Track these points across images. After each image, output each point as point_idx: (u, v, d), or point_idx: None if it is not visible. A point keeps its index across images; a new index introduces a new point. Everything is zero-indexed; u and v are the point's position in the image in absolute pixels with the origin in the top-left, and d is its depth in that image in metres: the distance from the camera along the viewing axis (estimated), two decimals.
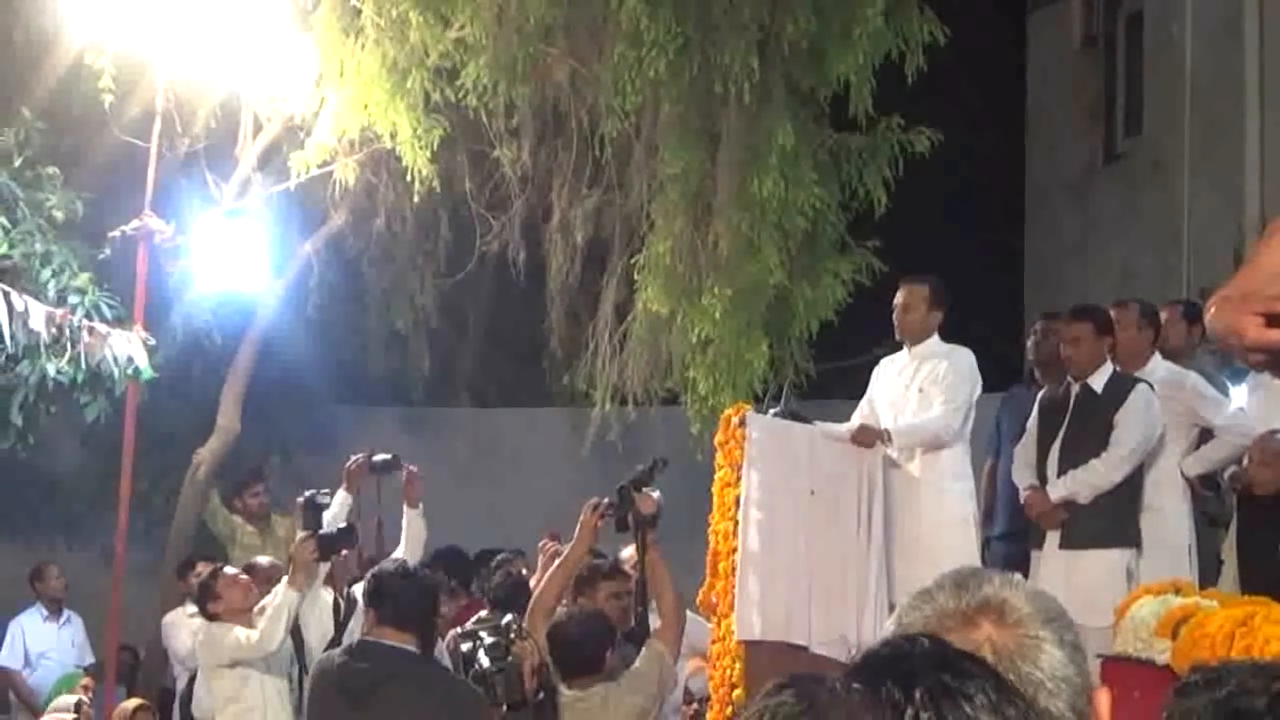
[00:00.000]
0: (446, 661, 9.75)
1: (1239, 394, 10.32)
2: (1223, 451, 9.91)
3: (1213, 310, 3.56)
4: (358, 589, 9.84)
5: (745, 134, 12.89)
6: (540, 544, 10.48)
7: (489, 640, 7.77)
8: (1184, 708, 2.24)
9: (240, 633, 9.07)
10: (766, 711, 1.68)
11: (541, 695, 7.68)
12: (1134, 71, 18.30)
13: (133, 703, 10.80)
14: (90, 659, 13.39)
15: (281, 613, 8.83)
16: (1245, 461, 9.49)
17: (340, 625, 9.66)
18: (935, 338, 10.11)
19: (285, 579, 9.03)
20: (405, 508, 10.37)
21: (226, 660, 9.08)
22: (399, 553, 10.28)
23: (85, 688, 11.73)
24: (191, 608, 11.85)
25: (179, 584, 12.77)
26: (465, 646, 7.99)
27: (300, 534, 9.22)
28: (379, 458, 10.47)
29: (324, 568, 9.43)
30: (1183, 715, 2.31)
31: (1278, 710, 1.91)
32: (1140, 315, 10.21)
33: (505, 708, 7.61)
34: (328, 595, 9.68)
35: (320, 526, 9.22)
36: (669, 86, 12.86)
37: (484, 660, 7.69)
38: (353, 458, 10.34)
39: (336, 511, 10.28)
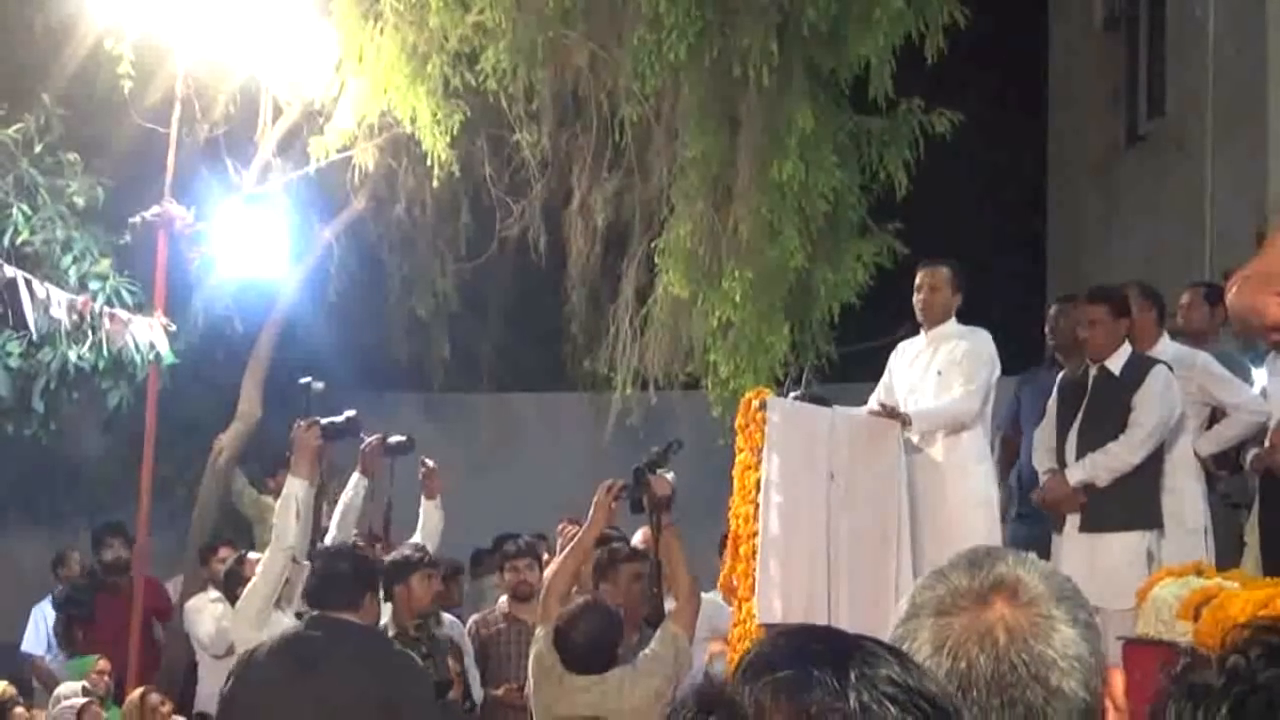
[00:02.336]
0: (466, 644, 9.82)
1: (1260, 376, 10.29)
2: (1235, 430, 9.88)
3: (1233, 290, 3.56)
4: None
5: (765, 117, 12.86)
6: (559, 528, 10.51)
7: None
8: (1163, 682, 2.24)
9: (259, 566, 8.99)
10: None
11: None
12: (1156, 52, 18.23)
13: (139, 690, 10.79)
14: None
15: (289, 504, 8.69)
16: (1266, 443, 9.46)
17: None
18: (953, 320, 10.11)
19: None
20: (423, 499, 10.38)
21: (260, 604, 8.90)
22: (415, 539, 10.33)
23: (100, 672, 11.74)
24: (214, 593, 11.90)
25: (201, 569, 12.80)
26: None
27: (299, 421, 9.15)
28: (393, 439, 10.47)
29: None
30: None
31: (1230, 686, 1.90)
32: (1141, 296, 10.18)
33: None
34: None
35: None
36: (689, 70, 12.84)
37: None
38: (366, 440, 10.34)
39: (352, 495, 10.29)
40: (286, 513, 8.74)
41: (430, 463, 10.38)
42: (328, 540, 9.94)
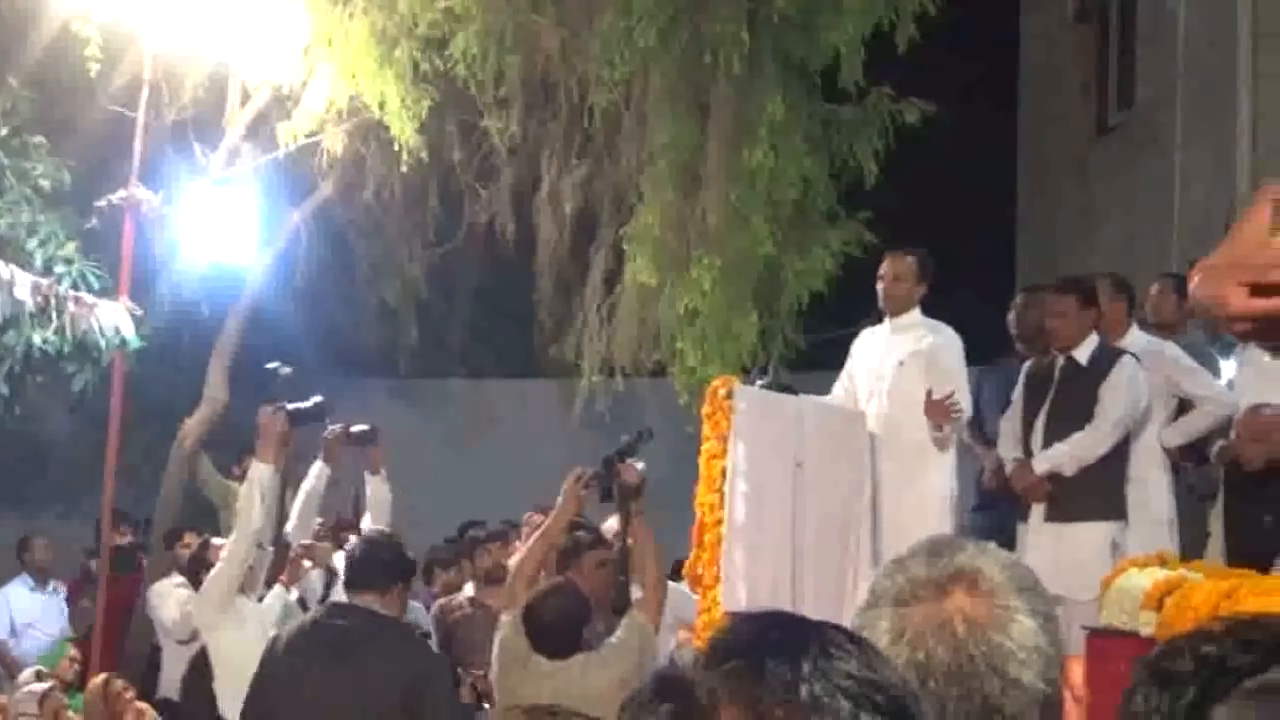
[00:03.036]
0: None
1: (1229, 367, 10.31)
2: (1202, 422, 9.90)
3: (1196, 280, 3.54)
4: (338, 559, 9.90)
5: (735, 105, 12.86)
6: (526, 517, 10.51)
7: None
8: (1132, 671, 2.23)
9: (224, 550, 9.01)
10: None
11: None
12: (1127, 44, 18.26)
13: (101, 677, 10.75)
14: (71, 631, 13.38)
15: (254, 488, 8.71)
16: (1232, 435, 9.47)
17: (324, 596, 9.70)
18: (917, 310, 10.08)
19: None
20: (367, 475, 10.35)
21: (224, 589, 8.92)
22: (365, 520, 10.30)
23: (73, 659, 11.71)
24: (178, 578, 11.87)
25: (165, 555, 12.77)
26: None
27: (266, 407, 9.13)
28: (356, 428, 10.44)
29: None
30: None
31: (1201, 672, 1.89)
32: (1112, 287, 10.19)
33: None
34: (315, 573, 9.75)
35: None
36: (659, 57, 12.82)
37: None
38: (329, 428, 10.31)
39: (314, 484, 10.28)
40: (251, 498, 8.73)
41: (335, 427, 10.28)
42: (287, 529, 9.96)
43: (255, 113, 13.69)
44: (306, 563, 9.83)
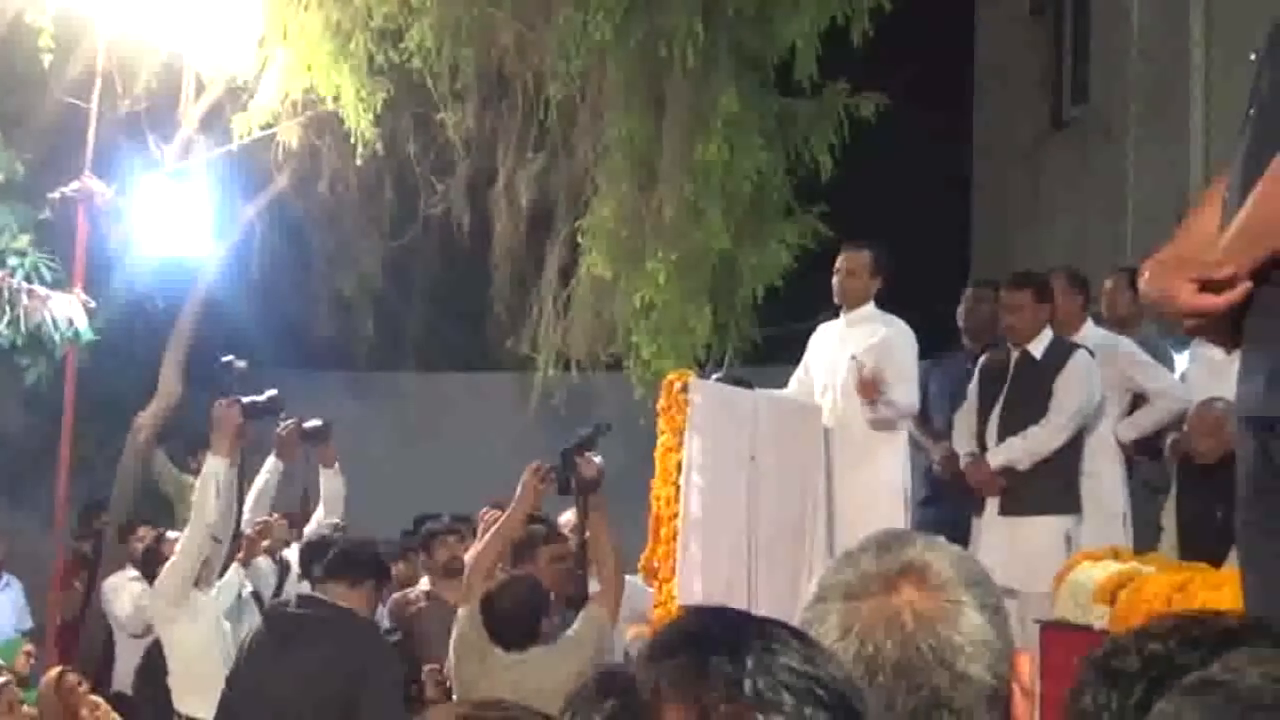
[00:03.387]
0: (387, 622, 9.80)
1: (1182, 361, 10.36)
2: (1156, 417, 9.95)
3: (1146, 276, 3.57)
4: (290, 553, 9.92)
5: (691, 99, 12.86)
6: (481, 513, 10.48)
7: None
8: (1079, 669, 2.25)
9: (178, 544, 9.03)
10: None
11: None
12: (1081, 39, 18.32)
13: (55, 670, 10.71)
14: (29, 623, 13.32)
15: (209, 482, 8.75)
16: (1185, 429, 9.53)
17: (277, 589, 9.71)
18: (871, 304, 10.12)
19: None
20: (321, 468, 10.36)
21: (179, 583, 8.94)
22: (318, 514, 10.30)
23: (28, 654, 11.66)
24: (132, 571, 11.83)
25: (120, 548, 12.71)
26: None
27: (220, 400, 9.13)
28: (309, 424, 10.42)
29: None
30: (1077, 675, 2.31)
31: (1148, 670, 1.91)
32: (1068, 282, 10.25)
33: None
34: (266, 563, 9.75)
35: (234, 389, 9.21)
36: (614, 50, 12.82)
37: None
38: (282, 424, 10.29)
39: (266, 479, 10.28)
40: (206, 491, 8.75)
41: (288, 423, 10.29)
42: (243, 524, 9.96)
43: (210, 105, 13.63)
44: (264, 541, 9.84)
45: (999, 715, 2.30)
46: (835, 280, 10.15)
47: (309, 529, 10.04)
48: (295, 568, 9.97)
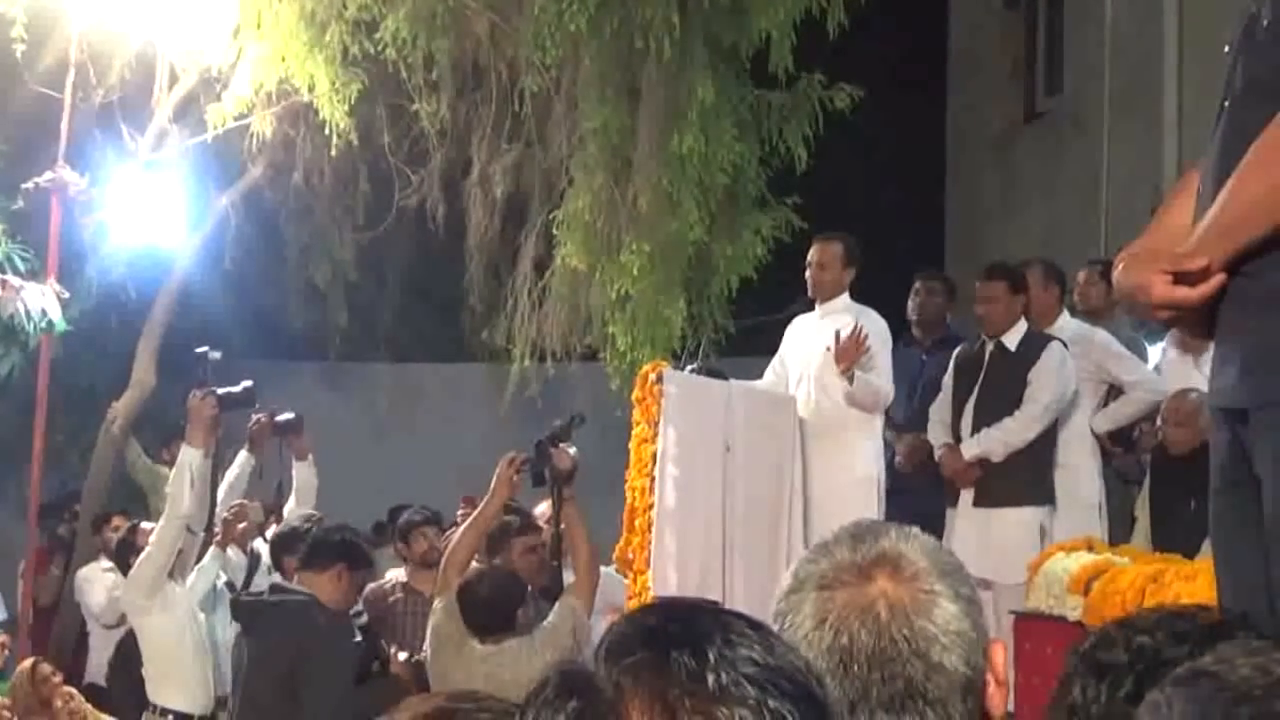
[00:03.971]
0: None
1: (1156, 353, 10.40)
2: (1132, 408, 9.99)
3: (1120, 268, 3.58)
4: (261, 544, 9.94)
5: (665, 90, 12.83)
6: (459, 512, 10.51)
7: None
8: (1066, 661, 2.26)
9: (152, 535, 9.06)
10: None
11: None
12: (1055, 30, 18.37)
13: (29, 661, 10.69)
14: (3, 614, 13.28)
15: (184, 473, 8.78)
16: (1159, 420, 9.56)
17: (247, 580, 9.73)
18: (846, 296, 10.11)
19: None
20: (294, 461, 10.37)
21: (153, 573, 8.97)
22: (290, 505, 10.31)
23: (2, 645, 11.62)
24: (106, 562, 11.82)
25: (93, 538, 12.68)
26: None
27: (195, 391, 9.14)
28: (282, 417, 10.42)
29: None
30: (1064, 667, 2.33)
31: (1137, 664, 1.92)
32: (1044, 274, 10.28)
33: None
34: (236, 555, 9.78)
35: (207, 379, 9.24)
36: (589, 41, 12.79)
37: None
38: (254, 417, 10.29)
39: (239, 472, 10.29)
40: (181, 482, 8.76)
41: (261, 416, 10.33)
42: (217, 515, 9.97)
43: (183, 95, 13.59)
44: (240, 524, 9.85)
45: (974, 705, 2.32)
46: (810, 273, 10.15)
47: (281, 521, 10.07)
48: (266, 559, 9.99)
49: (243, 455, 10.37)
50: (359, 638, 8.40)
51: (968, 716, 2.31)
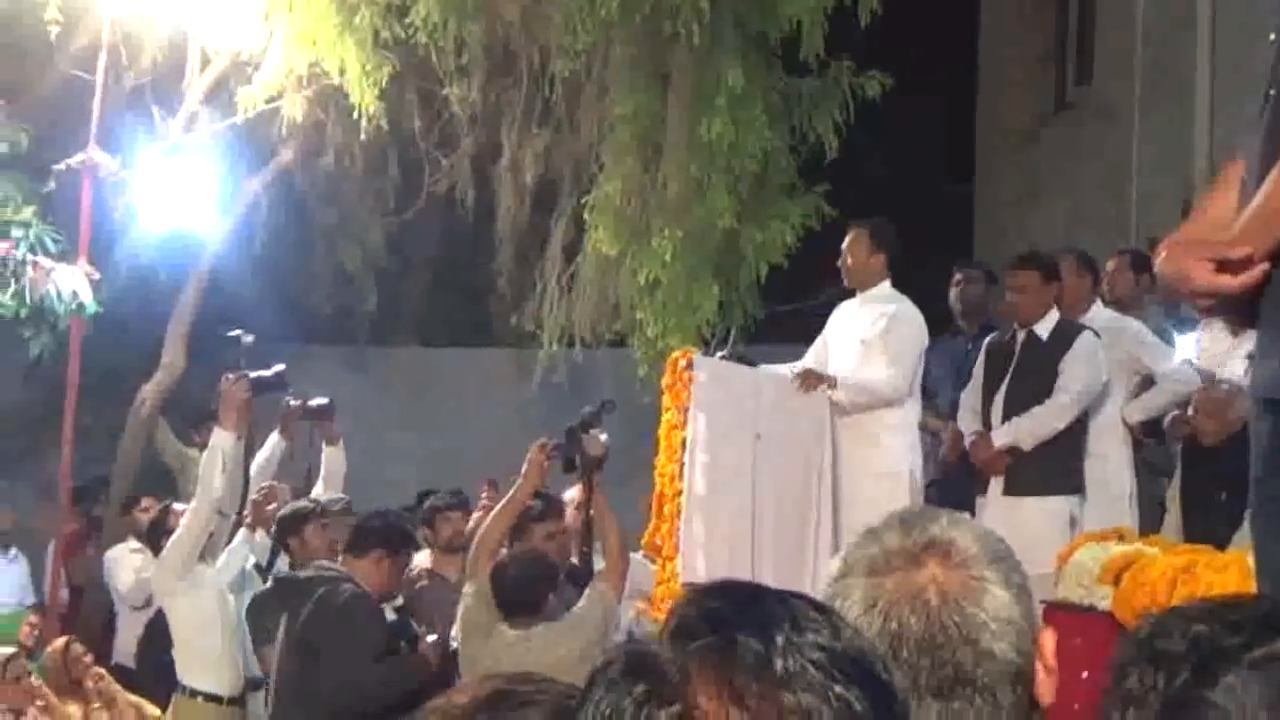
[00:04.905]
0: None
1: (1186, 344, 10.36)
2: (1163, 399, 9.95)
3: (1163, 256, 3.57)
4: None
5: (696, 76, 12.83)
6: (482, 495, 10.52)
7: None
8: (1118, 650, 2.25)
9: (183, 518, 9.14)
10: (623, 712, 1.62)
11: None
12: (1086, 20, 18.32)
13: (62, 640, 10.74)
14: (33, 599, 13.32)
15: (216, 456, 8.86)
16: (1190, 411, 9.53)
17: (271, 561, 9.77)
18: (885, 284, 9.88)
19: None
20: (324, 445, 10.41)
21: (184, 556, 9.03)
22: (318, 489, 10.34)
23: (32, 625, 11.67)
24: (134, 543, 11.85)
25: (122, 520, 12.71)
26: None
27: (228, 375, 9.21)
28: (314, 402, 10.45)
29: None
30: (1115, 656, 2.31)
31: (1193, 653, 1.92)
32: (1078, 263, 10.23)
33: None
34: (263, 536, 9.84)
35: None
36: (620, 27, 12.79)
37: None
38: (286, 402, 10.32)
39: (269, 455, 10.33)
40: (213, 466, 8.80)
41: (294, 403, 10.39)
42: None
43: (214, 78, 13.62)
44: (270, 505, 9.88)
45: (1023, 692, 2.31)
46: (840, 261, 10.11)
47: None
48: None
49: (273, 438, 10.40)
50: (391, 616, 8.43)
51: (1017, 704, 2.31)
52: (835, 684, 1.60)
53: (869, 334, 9.76)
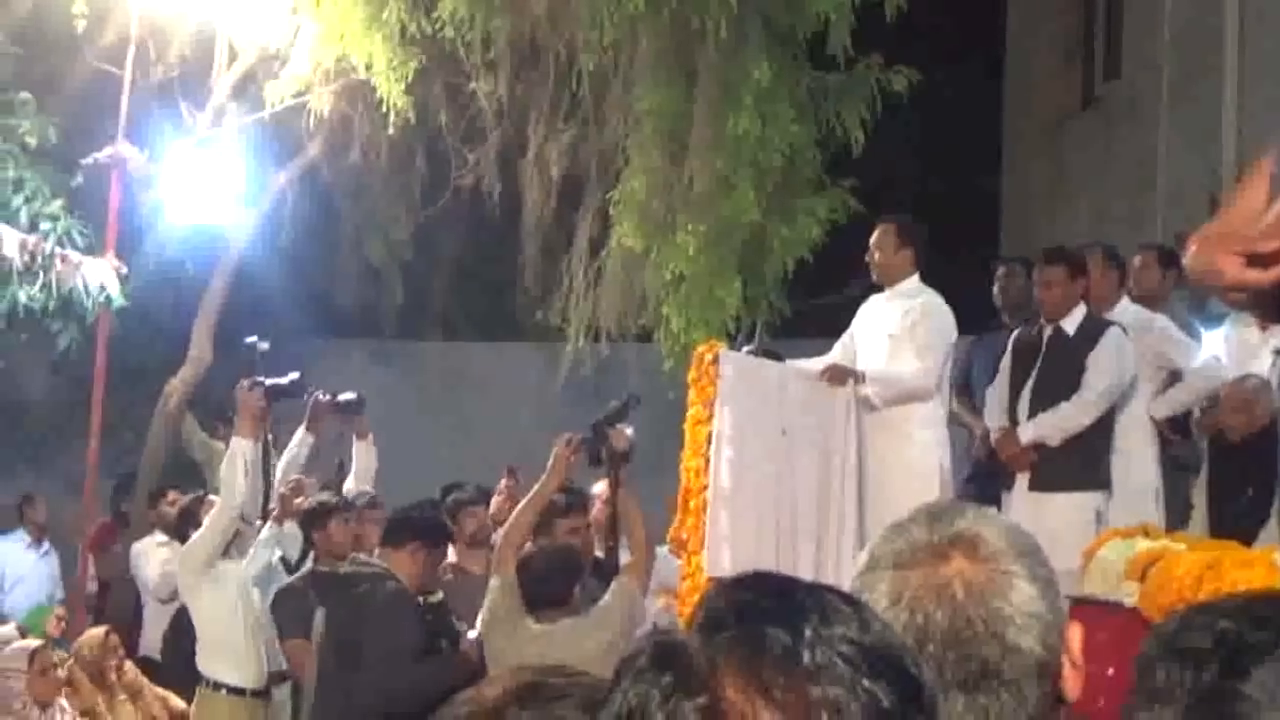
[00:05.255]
0: None
1: (1213, 339, 10.32)
2: (1190, 395, 9.93)
3: (1193, 249, 3.56)
4: None
5: (722, 71, 12.82)
6: (502, 481, 10.54)
7: None
8: (1144, 647, 2.24)
9: (205, 519, 9.23)
10: (650, 702, 1.62)
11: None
12: (1113, 15, 18.27)
13: (100, 630, 10.78)
14: (62, 594, 13.38)
15: (236, 461, 8.99)
16: (1217, 406, 9.51)
17: (302, 556, 9.80)
18: (914, 278, 9.87)
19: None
20: (355, 439, 10.44)
21: (204, 557, 9.13)
22: (349, 484, 10.37)
23: (59, 618, 11.71)
24: (161, 536, 11.88)
25: (149, 513, 12.74)
26: None
27: (244, 382, 9.35)
28: (343, 397, 10.47)
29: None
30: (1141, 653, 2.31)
31: (1222, 649, 1.91)
32: (1105, 258, 10.20)
33: None
34: (292, 529, 9.88)
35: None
36: (647, 21, 12.78)
37: None
38: (315, 396, 10.36)
39: (296, 451, 10.35)
40: (234, 472, 8.92)
41: (323, 397, 10.44)
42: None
43: (242, 72, 13.65)
44: (298, 499, 9.91)
45: (1049, 687, 2.31)
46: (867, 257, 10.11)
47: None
48: None
49: (300, 434, 10.42)
50: (430, 615, 8.43)
51: (1043, 699, 2.30)
52: (863, 677, 1.59)
53: (897, 328, 9.75)
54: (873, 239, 10.02)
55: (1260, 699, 1.88)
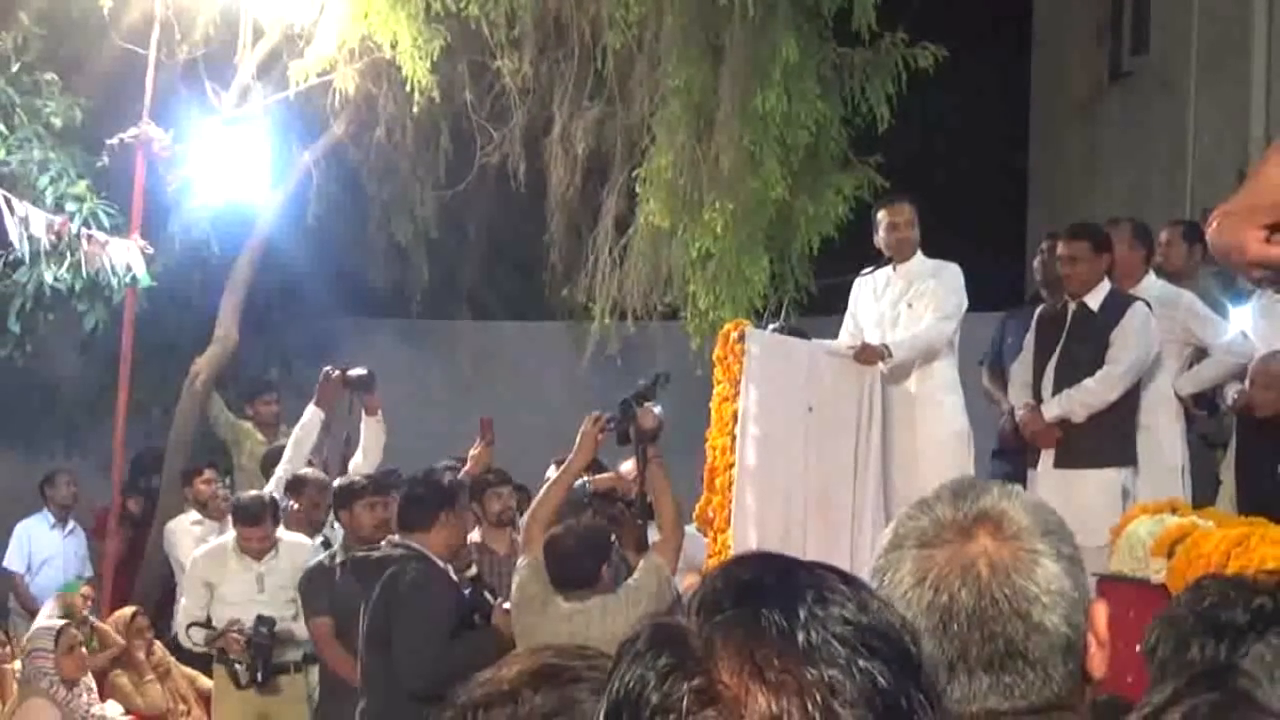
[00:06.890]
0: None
1: (1240, 315, 10.28)
2: (1216, 371, 9.90)
3: (1214, 225, 3.54)
4: None
5: (748, 47, 12.78)
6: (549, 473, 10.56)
7: None
8: (1168, 617, 2.22)
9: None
10: (647, 684, 1.61)
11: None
12: None
13: (128, 610, 10.83)
14: (89, 572, 13.42)
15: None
16: (1246, 383, 9.47)
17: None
18: (921, 254, 10.20)
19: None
20: (364, 415, 10.47)
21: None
22: (356, 459, 10.40)
23: (85, 596, 11.76)
24: (194, 514, 11.93)
25: (182, 491, 12.76)
26: None
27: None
28: (354, 373, 10.49)
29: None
30: (1169, 623, 2.29)
31: (1258, 624, 1.90)
32: (1132, 233, 10.17)
33: None
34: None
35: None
36: None
37: None
38: (325, 371, 10.42)
39: (306, 426, 10.39)
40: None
41: (333, 372, 10.57)
42: (278, 471, 10.15)
43: (267, 51, 13.62)
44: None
45: (1074, 665, 2.30)
46: (889, 236, 10.14)
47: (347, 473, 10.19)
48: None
49: (310, 409, 10.45)
50: (466, 590, 8.46)
51: (1068, 677, 2.29)
52: (860, 658, 1.58)
53: (916, 298, 9.84)
54: (897, 216, 10.11)
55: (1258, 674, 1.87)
